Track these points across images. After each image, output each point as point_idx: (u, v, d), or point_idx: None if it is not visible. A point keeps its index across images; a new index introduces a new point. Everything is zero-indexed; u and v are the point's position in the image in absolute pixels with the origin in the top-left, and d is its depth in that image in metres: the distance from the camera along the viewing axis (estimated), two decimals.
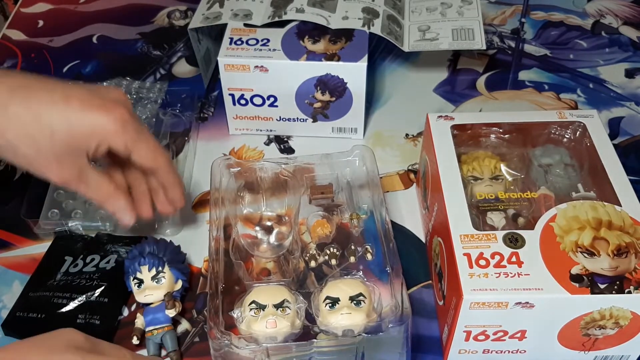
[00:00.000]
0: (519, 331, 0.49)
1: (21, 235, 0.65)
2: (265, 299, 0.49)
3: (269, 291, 0.50)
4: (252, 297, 0.50)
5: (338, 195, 0.61)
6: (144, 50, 0.87)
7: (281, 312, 0.48)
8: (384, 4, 0.75)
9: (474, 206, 0.55)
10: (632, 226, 0.50)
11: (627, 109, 0.77)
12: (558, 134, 0.61)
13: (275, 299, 0.49)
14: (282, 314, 0.48)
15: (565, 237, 0.49)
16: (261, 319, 0.48)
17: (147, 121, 0.73)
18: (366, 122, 0.75)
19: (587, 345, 0.51)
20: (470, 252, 0.49)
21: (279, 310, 0.48)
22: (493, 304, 0.47)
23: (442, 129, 0.59)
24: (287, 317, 0.48)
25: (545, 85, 0.80)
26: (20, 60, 0.86)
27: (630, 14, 0.91)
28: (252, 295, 0.50)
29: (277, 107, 0.71)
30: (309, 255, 0.56)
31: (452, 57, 0.84)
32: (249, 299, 0.50)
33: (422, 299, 0.58)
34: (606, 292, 0.46)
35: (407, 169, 0.71)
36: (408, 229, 0.65)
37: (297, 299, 0.50)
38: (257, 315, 0.49)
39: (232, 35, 0.70)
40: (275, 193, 0.60)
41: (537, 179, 0.58)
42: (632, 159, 0.71)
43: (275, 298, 0.49)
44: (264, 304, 0.49)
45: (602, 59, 0.84)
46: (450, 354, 0.52)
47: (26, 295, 0.58)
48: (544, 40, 0.87)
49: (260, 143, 0.74)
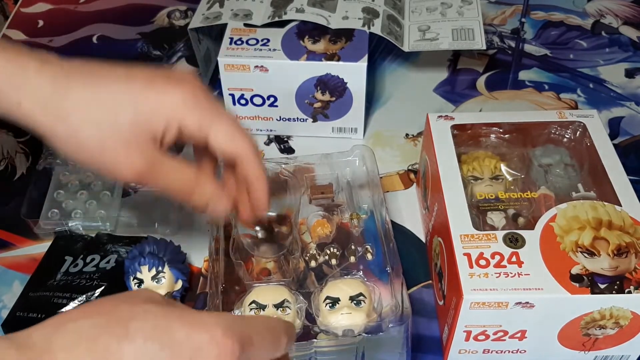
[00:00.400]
0: (519, 331, 0.49)
1: (21, 235, 0.65)
2: (266, 299, 0.49)
3: (269, 291, 0.50)
4: (252, 297, 0.50)
5: (338, 195, 0.61)
6: (144, 50, 0.87)
7: (281, 312, 0.48)
8: (384, 3, 0.75)
9: (474, 206, 0.55)
10: (632, 226, 0.50)
11: (627, 109, 0.77)
12: (558, 134, 0.61)
13: (276, 299, 0.49)
14: (282, 313, 0.48)
15: (565, 237, 0.49)
16: None
17: None
18: (366, 122, 0.75)
19: (587, 345, 0.51)
20: (470, 252, 0.49)
21: (279, 310, 0.48)
22: (493, 304, 0.47)
23: (442, 128, 0.59)
24: (287, 317, 0.48)
25: (546, 85, 0.80)
26: None
27: (631, 14, 0.91)
28: (252, 295, 0.50)
29: (277, 107, 0.71)
30: (309, 255, 0.56)
31: (452, 57, 0.84)
32: (249, 299, 0.50)
33: (422, 299, 0.58)
34: (606, 292, 0.46)
35: (407, 169, 0.71)
36: (408, 229, 0.65)
37: (297, 298, 0.50)
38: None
39: (232, 35, 0.70)
40: (276, 193, 0.60)
41: (537, 179, 0.58)
42: (632, 159, 0.71)
43: (275, 298, 0.49)
44: (264, 304, 0.49)
45: (602, 59, 0.84)
46: (451, 354, 0.52)
47: (26, 295, 0.58)
48: (544, 40, 0.87)
49: (261, 143, 0.74)
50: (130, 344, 0.32)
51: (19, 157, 0.73)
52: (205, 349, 0.33)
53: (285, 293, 0.50)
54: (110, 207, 0.65)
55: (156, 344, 0.32)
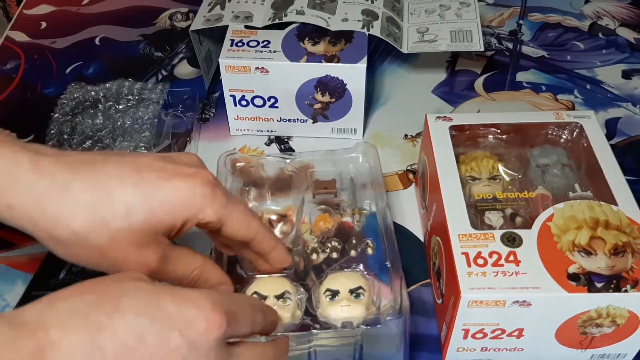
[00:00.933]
0: (516, 329, 0.50)
1: (23, 235, 0.65)
2: (267, 289, 0.50)
3: (271, 282, 0.51)
4: (254, 288, 0.50)
5: (341, 191, 0.62)
6: (146, 52, 0.88)
7: (282, 302, 0.49)
8: (383, 6, 0.76)
9: (472, 206, 0.55)
10: (628, 225, 0.50)
11: (624, 110, 0.78)
12: (555, 134, 0.62)
13: (277, 290, 0.50)
14: (283, 304, 0.49)
15: (562, 236, 0.50)
16: None
17: (149, 122, 0.73)
18: (365, 122, 0.75)
19: (584, 344, 0.51)
20: (468, 251, 0.49)
21: (280, 301, 0.49)
22: (491, 303, 0.47)
23: (441, 129, 0.59)
24: (287, 308, 0.49)
25: (543, 87, 0.81)
26: (23, 62, 0.87)
27: (627, 16, 0.92)
28: (254, 286, 0.50)
29: (277, 108, 0.72)
30: (311, 249, 0.57)
31: (450, 59, 0.85)
32: (250, 289, 0.50)
33: (420, 298, 0.59)
34: (603, 290, 0.47)
35: (406, 169, 0.71)
36: (407, 229, 0.65)
37: (298, 290, 0.51)
38: None
39: (233, 37, 0.71)
40: (280, 188, 0.61)
41: (535, 179, 0.58)
42: (629, 159, 0.71)
43: (276, 289, 0.50)
44: (265, 295, 0.49)
45: (599, 60, 0.85)
46: (449, 352, 0.52)
47: (29, 295, 0.58)
48: (542, 42, 0.88)
49: (261, 144, 0.75)
50: (122, 319, 0.33)
51: None
52: (195, 322, 0.34)
53: (286, 284, 0.50)
54: None
55: (147, 318, 0.33)
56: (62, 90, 0.79)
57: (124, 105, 0.76)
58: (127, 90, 0.78)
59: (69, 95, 0.77)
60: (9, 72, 0.85)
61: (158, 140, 0.72)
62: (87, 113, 0.75)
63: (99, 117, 0.74)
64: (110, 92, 0.77)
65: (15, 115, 0.79)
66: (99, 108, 0.75)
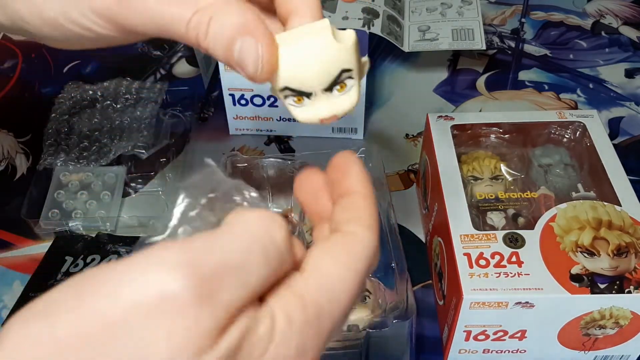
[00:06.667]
0: (519, 331, 0.49)
1: (21, 235, 0.65)
2: (306, 69, 0.46)
3: (308, 46, 0.47)
4: (282, 67, 0.47)
5: None
6: (144, 51, 0.87)
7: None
8: (384, 4, 0.75)
9: (474, 206, 0.55)
10: (632, 226, 0.50)
11: (627, 109, 0.77)
12: (558, 134, 0.61)
13: (325, 69, 0.47)
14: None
15: (565, 237, 0.49)
16: None
17: (147, 121, 0.73)
18: (366, 122, 0.75)
19: (587, 345, 0.51)
20: (470, 252, 0.49)
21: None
22: (493, 304, 0.47)
23: (442, 129, 0.59)
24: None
25: (545, 85, 0.80)
26: (20, 61, 0.86)
27: (630, 14, 0.91)
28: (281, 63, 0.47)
29: (277, 107, 0.71)
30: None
31: (452, 57, 0.85)
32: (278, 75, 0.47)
33: (422, 299, 0.58)
34: (606, 292, 0.46)
35: (407, 169, 0.71)
36: (408, 229, 0.65)
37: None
38: None
39: None
40: (282, 189, 0.60)
41: (537, 179, 0.58)
42: (632, 159, 0.71)
43: (323, 67, 0.47)
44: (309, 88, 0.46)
45: (602, 59, 0.84)
46: (451, 354, 0.52)
47: (27, 296, 0.58)
48: (544, 41, 0.87)
49: (261, 143, 0.74)
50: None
51: (19, 157, 0.73)
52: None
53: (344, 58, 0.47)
54: (111, 207, 0.65)
55: None
56: (60, 89, 0.78)
57: (122, 104, 0.75)
58: (125, 89, 0.77)
59: (67, 95, 0.77)
60: (6, 71, 0.85)
61: (156, 140, 0.72)
62: (84, 112, 0.74)
63: (96, 117, 0.73)
64: (108, 91, 0.77)
65: (12, 114, 0.78)
66: (97, 107, 0.75)
